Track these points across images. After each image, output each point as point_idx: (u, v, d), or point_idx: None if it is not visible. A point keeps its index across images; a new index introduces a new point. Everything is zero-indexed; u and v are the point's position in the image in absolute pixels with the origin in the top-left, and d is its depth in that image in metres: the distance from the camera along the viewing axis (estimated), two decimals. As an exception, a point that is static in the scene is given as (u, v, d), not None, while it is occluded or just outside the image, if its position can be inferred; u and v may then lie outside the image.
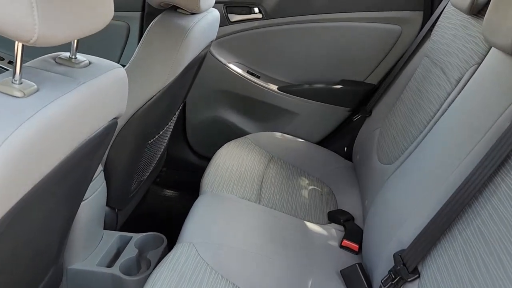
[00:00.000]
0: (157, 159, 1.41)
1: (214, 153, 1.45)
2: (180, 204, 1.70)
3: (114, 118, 0.77)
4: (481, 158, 0.70)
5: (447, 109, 0.97)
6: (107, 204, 1.15)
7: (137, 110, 1.03)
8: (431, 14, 1.38)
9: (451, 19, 1.17)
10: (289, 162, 1.46)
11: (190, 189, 1.43)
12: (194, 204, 1.14)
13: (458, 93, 0.96)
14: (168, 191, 1.75)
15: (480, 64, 0.92)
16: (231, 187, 1.22)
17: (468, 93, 0.90)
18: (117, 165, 1.10)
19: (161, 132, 1.26)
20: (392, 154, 1.15)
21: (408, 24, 1.42)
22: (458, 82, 0.99)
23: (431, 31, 1.30)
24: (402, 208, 0.93)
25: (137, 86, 1.02)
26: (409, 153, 1.04)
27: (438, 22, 1.27)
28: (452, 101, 0.97)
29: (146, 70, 1.03)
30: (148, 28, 1.04)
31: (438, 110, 1.02)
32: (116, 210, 1.21)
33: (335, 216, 1.22)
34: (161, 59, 1.03)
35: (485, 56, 0.92)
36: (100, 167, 1.07)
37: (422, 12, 1.39)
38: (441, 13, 1.27)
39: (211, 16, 1.19)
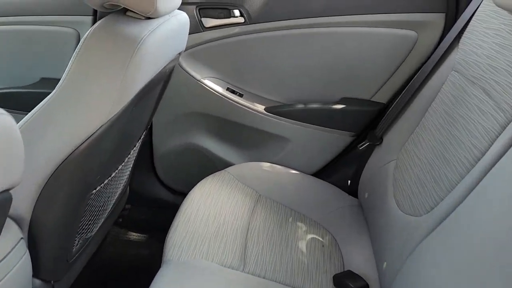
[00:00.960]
0: (111, 204, 1.10)
1: (188, 186, 1.16)
2: (148, 250, 1.40)
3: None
4: None
5: (507, 151, 0.69)
6: (37, 276, 0.84)
7: (69, 155, 0.73)
8: (456, 16, 1.10)
9: (492, 23, 0.89)
10: (281, 202, 1.17)
11: (161, 230, 1.13)
12: (153, 282, 0.83)
13: (523, 128, 0.68)
14: (134, 234, 1.44)
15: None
16: (205, 249, 0.92)
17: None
18: (45, 227, 0.79)
19: (112, 175, 0.95)
20: (420, 203, 0.87)
21: (426, 29, 1.14)
22: (518, 111, 0.71)
23: (459, 38, 1.02)
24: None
25: (68, 120, 0.72)
26: (449, 208, 0.76)
27: (470, 27, 0.99)
28: (514, 138, 0.69)
29: (80, 97, 0.72)
30: (83, 39, 0.74)
31: (489, 148, 0.74)
32: (52, 282, 0.90)
33: (344, 283, 0.93)
34: (102, 81, 0.72)
35: None
36: (20, 233, 0.76)
37: (444, 14, 1.12)
38: (473, 15, 0.99)
39: (176, 21, 0.90)
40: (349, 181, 1.26)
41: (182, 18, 0.95)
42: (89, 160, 0.76)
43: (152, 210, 1.43)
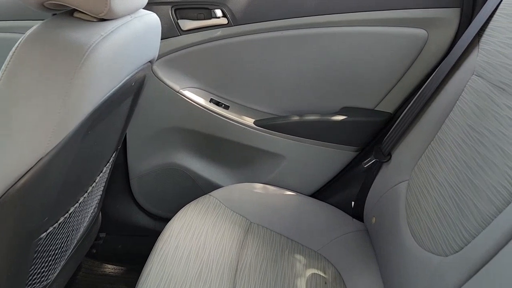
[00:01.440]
0: (74, 241, 0.94)
1: (171, 210, 1.00)
2: (125, 285, 1.23)
3: None
4: None
5: None
6: None
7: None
8: (474, 11, 0.95)
9: (523, 17, 0.74)
10: (275, 230, 1.01)
11: (141, 261, 0.97)
12: None
13: None
14: (110, 266, 1.27)
15: None
16: (185, 299, 0.76)
17: None
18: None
19: (70, 211, 0.79)
20: (444, 239, 0.71)
21: (438, 27, 0.98)
22: None
23: (480, 36, 0.86)
24: None
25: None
26: (485, 250, 0.60)
27: (493, 23, 0.83)
28: None
29: (9, 126, 0.56)
30: (13, 48, 0.58)
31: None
32: None
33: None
34: (38, 103, 0.56)
35: None
36: None
37: (460, 9, 0.96)
38: (496, 8, 0.84)
39: (141, 23, 0.74)
40: (353, 203, 1.10)
41: (151, 20, 0.79)
42: (28, 201, 0.60)
43: (130, 238, 1.27)
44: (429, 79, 0.96)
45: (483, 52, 0.83)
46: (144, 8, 0.84)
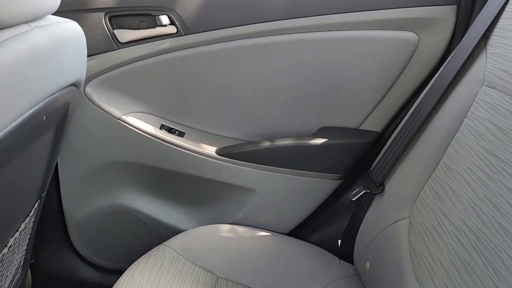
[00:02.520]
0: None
1: (121, 259, 0.80)
2: None
3: None
4: None
5: None
6: None
7: None
8: (473, 9, 0.80)
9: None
10: (249, 284, 0.82)
11: None
12: None
13: None
14: (48, 334, 1.04)
15: None
16: None
17: None
18: None
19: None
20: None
21: (430, 28, 0.83)
22: None
23: (486, 39, 0.71)
24: None
25: None
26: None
27: (502, 22, 0.68)
28: None
29: None
30: None
31: None
32: None
33: None
34: None
35: None
36: None
37: (456, 7, 0.81)
38: (505, 4, 0.69)
39: (44, 35, 0.53)
40: (339, 241, 0.92)
41: (65, 29, 0.58)
42: None
43: (72, 295, 1.05)
44: (424, 92, 0.79)
45: (493, 58, 0.67)
46: (66, 16, 0.64)
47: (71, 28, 0.61)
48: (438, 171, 0.70)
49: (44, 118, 0.58)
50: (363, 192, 0.85)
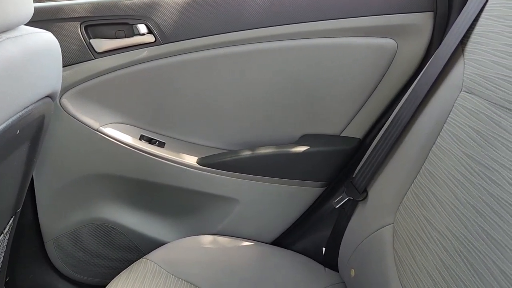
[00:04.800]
0: None
1: (101, 274, 0.78)
2: None
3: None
4: None
5: None
6: None
7: None
8: (449, 15, 0.81)
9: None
10: (233, 296, 0.80)
11: None
12: None
13: None
14: None
15: None
16: None
17: None
18: None
19: None
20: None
21: (408, 35, 0.84)
22: None
23: (463, 45, 0.72)
24: None
25: None
26: None
27: (479, 28, 0.69)
28: None
29: None
30: None
31: None
32: None
33: None
34: None
35: None
36: None
37: (433, 13, 0.82)
38: (480, 11, 0.70)
39: (17, 46, 0.51)
40: (323, 249, 0.92)
41: (38, 40, 0.57)
42: None
43: (51, 315, 1.01)
44: (404, 98, 0.80)
45: (471, 63, 0.68)
46: (40, 26, 0.62)
47: (45, 38, 0.59)
48: (421, 177, 0.71)
49: (18, 132, 0.56)
50: (346, 199, 0.85)
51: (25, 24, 0.58)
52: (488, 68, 0.63)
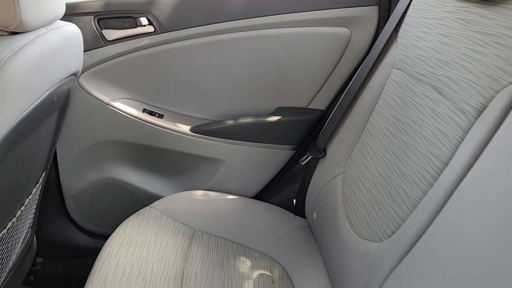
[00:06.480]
0: (8, 265, 0.88)
1: (111, 226, 0.97)
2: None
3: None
4: None
5: (475, 161, 0.57)
6: None
7: None
8: (390, 8, 1.00)
9: (432, 11, 0.79)
10: (219, 235, 1.00)
11: (83, 282, 0.92)
12: None
13: (491, 133, 0.56)
14: (49, 292, 1.21)
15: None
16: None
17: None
18: None
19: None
20: (378, 226, 0.74)
21: (359, 25, 1.03)
22: (481, 112, 0.60)
23: (397, 31, 0.91)
24: None
25: None
26: (415, 232, 0.63)
27: (407, 19, 0.89)
28: (482, 145, 0.57)
29: None
30: None
31: (451, 158, 0.62)
32: None
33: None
34: None
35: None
36: None
37: (377, 7, 1.01)
38: (408, 5, 0.89)
39: (57, 35, 0.70)
40: (294, 201, 1.12)
41: (70, 31, 0.76)
42: None
43: (70, 260, 1.21)
44: (354, 76, 1.00)
45: (400, 47, 0.88)
46: (63, 20, 0.81)
47: (73, 29, 0.78)
48: (364, 136, 0.91)
49: (56, 99, 0.75)
50: (310, 157, 1.05)
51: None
52: (409, 49, 0.83)
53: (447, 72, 0.69)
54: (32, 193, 0.90)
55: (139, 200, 1.16)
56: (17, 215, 0.83)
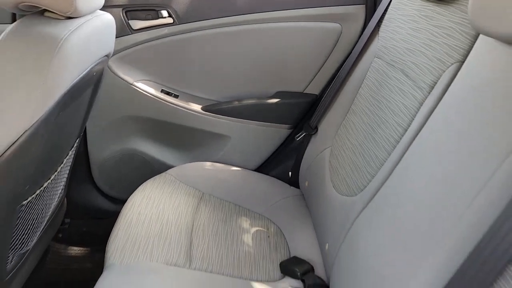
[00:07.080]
0: (47, 217, 1.05)
1: (129, 193, 1.13)
2: (91, 263, 1.35)
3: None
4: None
5: (424, 124, 0.73)
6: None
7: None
8: (375, 7, 1.17)
9: (405, 10, 0.96)
10: (224, 198, 1.17)
11: (103, 241, 1.09)
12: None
13: (437, 102, 0.73)
14: (75, 248, 1.38)
15: (464, 62, 0.70)
16: (149, 250, 0.91)
17: (455, 102, 0.67)
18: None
19: (44, 185, 0.91)
20: (354, 183, 0.91)
21: (349, 21, 1.19)
22: (433, 88, 0.76)
23: (379, 26, 1.08)
24: (381, 266, 0.67)
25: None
26: (379, 184, 0.80)
27: (388, 16, 1.05)
28: (430, 112, 0.74)
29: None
30: (-3, 42, 0.70)
31: (409, 125, 0.79)
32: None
33: (290, 268, 0.95)
34: (22, 85, 0.69)
35: (469, 51, 0.70)
36: None
37: (364, 6, 1.17)
38: (389, 4, 1.06)
39: (99, 21, 0.88)
40: (290, 173, 1.29)
41: (106, 19, 0.93)
42: (15, 168, 0.73)
43: (93, 222, 1.38)
44: (342, 64, 1.16)
45: (381, 39, 1.04)
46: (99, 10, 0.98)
47: (109, 17, 0.95)
48: (349, 114, 1.07)
49: (94, 73, 0.92)
50: (304, 134, 1.22)
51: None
52: (387, 41, 1.00)
53: (412, 58, 0.86)
54: (68, 155, 1.07)
55: (155, 169, 1.33)
56: (57, 170, 1.01)
